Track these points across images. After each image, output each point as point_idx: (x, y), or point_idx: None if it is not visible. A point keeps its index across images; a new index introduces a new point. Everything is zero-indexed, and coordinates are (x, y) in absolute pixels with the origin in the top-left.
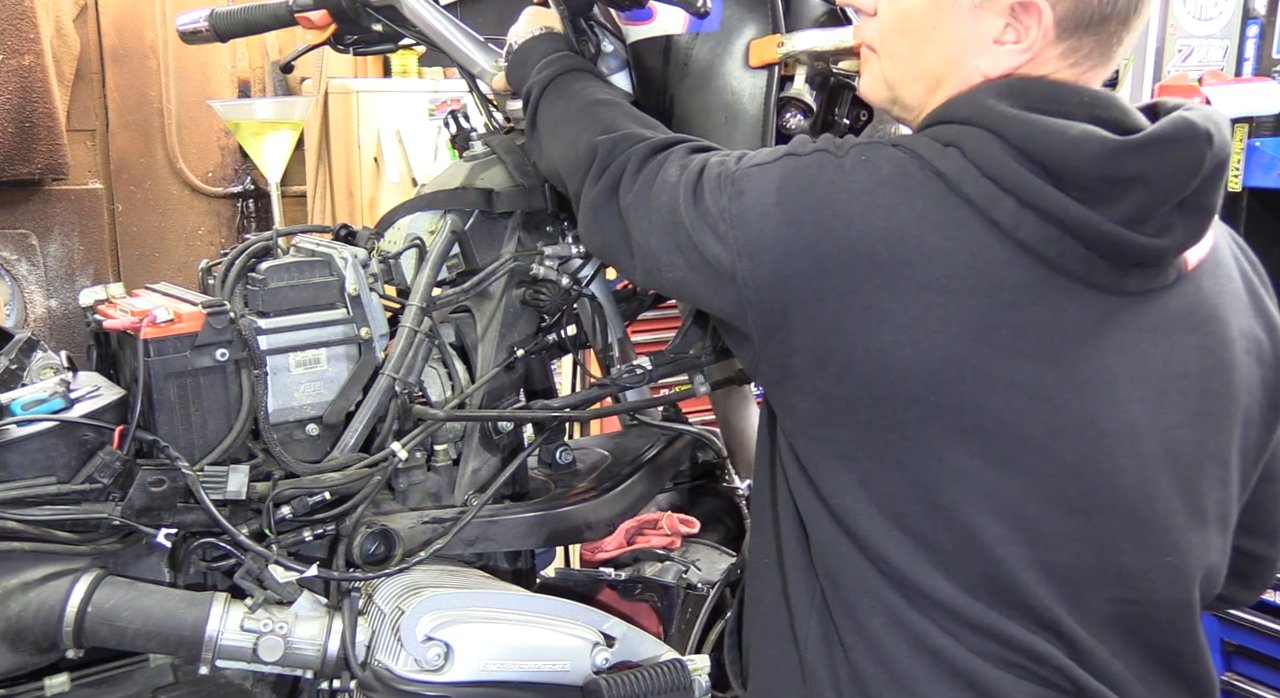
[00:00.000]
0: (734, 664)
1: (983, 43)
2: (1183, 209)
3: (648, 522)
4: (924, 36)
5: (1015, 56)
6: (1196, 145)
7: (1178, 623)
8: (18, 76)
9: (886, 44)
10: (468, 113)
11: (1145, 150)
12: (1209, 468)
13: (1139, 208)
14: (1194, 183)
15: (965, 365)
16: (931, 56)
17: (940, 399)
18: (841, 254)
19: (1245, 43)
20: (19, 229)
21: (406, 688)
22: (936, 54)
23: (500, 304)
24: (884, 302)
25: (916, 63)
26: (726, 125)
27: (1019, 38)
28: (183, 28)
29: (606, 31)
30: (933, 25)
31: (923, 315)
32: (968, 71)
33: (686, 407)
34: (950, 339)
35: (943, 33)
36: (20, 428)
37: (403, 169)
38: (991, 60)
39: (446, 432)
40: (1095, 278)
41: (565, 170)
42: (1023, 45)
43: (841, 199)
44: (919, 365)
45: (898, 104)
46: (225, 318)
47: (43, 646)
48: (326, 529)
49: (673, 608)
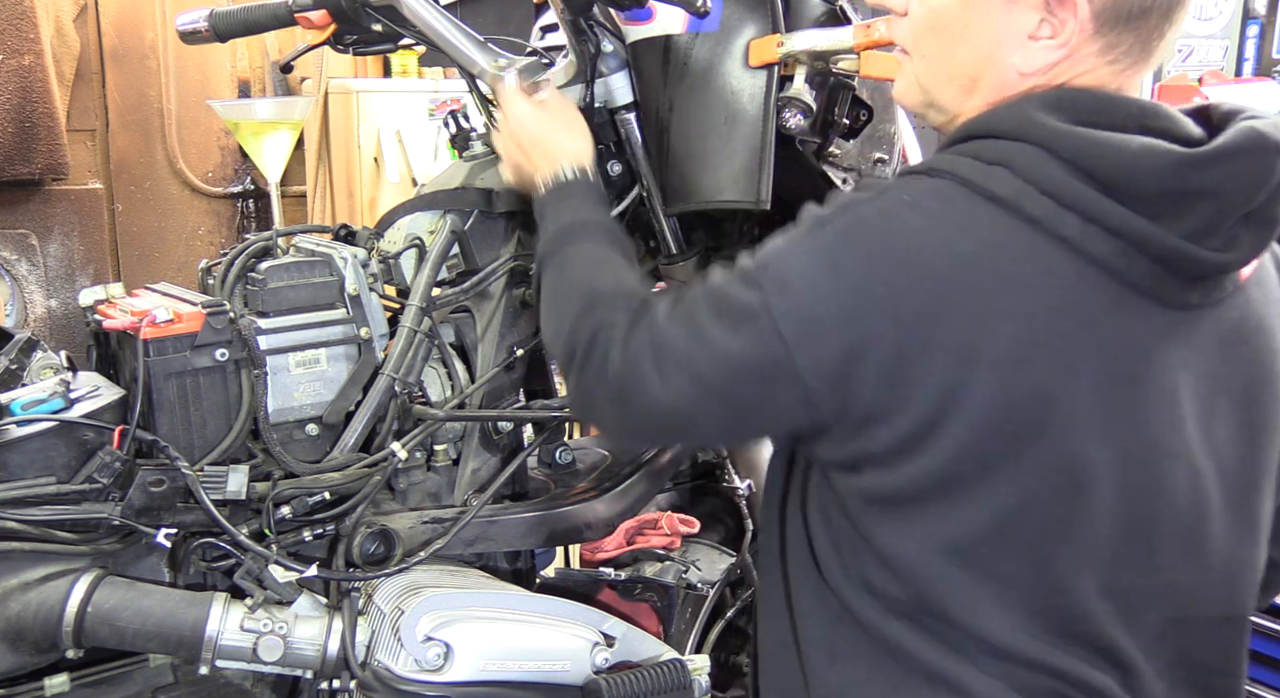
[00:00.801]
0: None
1: (1017, 39)
2: (1248, 222)
3: (648, 522)
4: (956, 35)
5: (1051, 52)
6: (1266, 157)
7: (1226, 639)
8: (18, 76)
9: (919, 44)
10: (468, 113)
11: (1214, 163)
12: (1256, 481)
13: (1205, 222)
14: (1261, 195)
15: (1051, 393)
16: (964, 55)
17: (1027, 431)
18: (918, 304)
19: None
20: (19, 229)
21: (406, 688)
22: (969, 52)
23: (500, 304)
24: (971, 340)
25: (949, 62)
26: (726, 125)
27: (1054, 32)
28: (183, 28)
29: (606, 31)
30: (965, 23)
31: (1010, 346)
32: (1002, 69)
33: None
34: (1036, 367)
35: (975, 30)
36: (20, 428)
37: (403, 169)
38: (1027, 57)
39: (446, 432)
40: (1161, 292)
41: (559, 358)
42: (1058, 40)
43: (899, 248)
44: (1008, 400)
45: (933, 107)
46: (225, 318)
47: (43, 646)
48: (326, 529)
49: (673, 608)
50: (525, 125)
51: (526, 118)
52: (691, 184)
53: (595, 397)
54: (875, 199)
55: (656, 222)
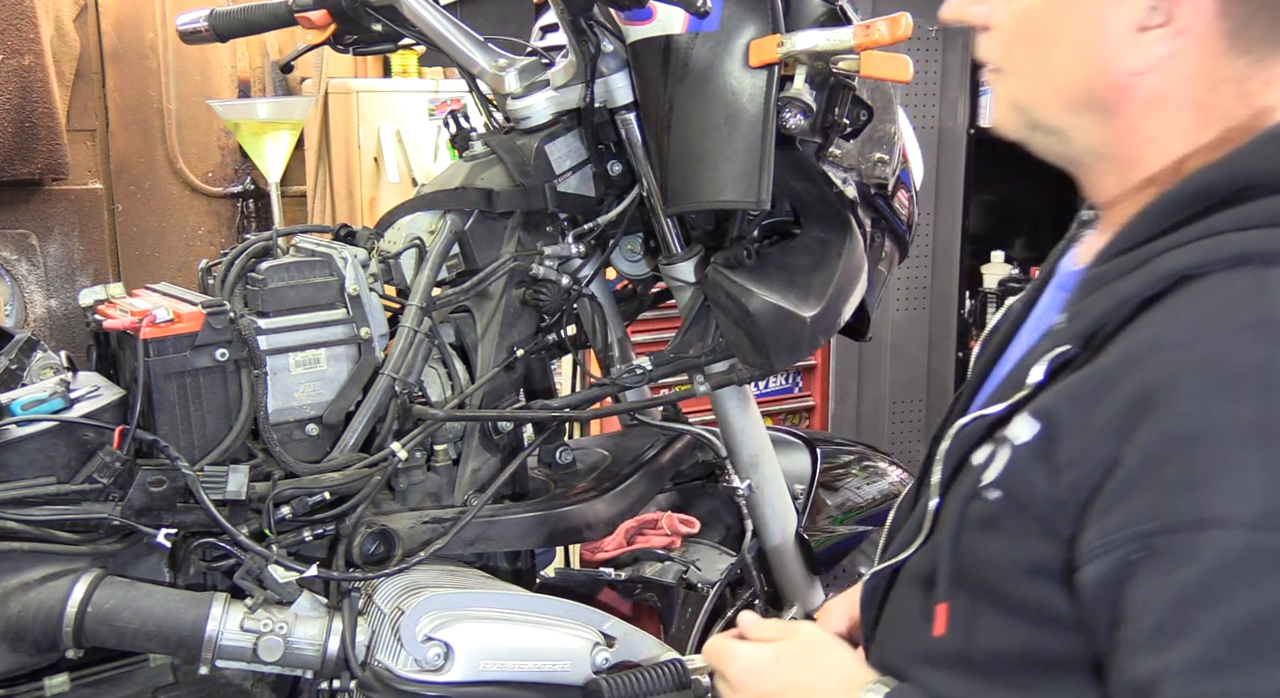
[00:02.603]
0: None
1: (1124, 33)
2: None
3: (648, 522)
4: (1051, 39)
5: (1166, 43)
6: None
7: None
8: (18, 76)
9: (1009, 58)
10: (468, 113)
11: None
12: None
13: None
14: None
15: None
16: (1064, 62)
17: None
18: None
19: None
20: (19, 229)
21: (406, 688)
22: (1070, 59)
23: (500, 304)
24: None
25: (1048, 74)
26: (726, 125)
27: (1168, 19)
28: (183, 28)
29: (606, 31)
30: (1058, 23)
31: None
32: (1115, 75)
33: (686, 407)
34: None
35: (1072, 30)
36: (20, 428)
37: (403, 169)
38: (1141, 54)
39: (446, 432)
40: None
41: None
42: (1174, 28)
43: None
44: None
45: (1038, 129)
46: (225, 318)
47: (43, 646)
48: (326, 529)
49: (673, 608)
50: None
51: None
52: (691, 184)
53: None
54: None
55: (656, 222)
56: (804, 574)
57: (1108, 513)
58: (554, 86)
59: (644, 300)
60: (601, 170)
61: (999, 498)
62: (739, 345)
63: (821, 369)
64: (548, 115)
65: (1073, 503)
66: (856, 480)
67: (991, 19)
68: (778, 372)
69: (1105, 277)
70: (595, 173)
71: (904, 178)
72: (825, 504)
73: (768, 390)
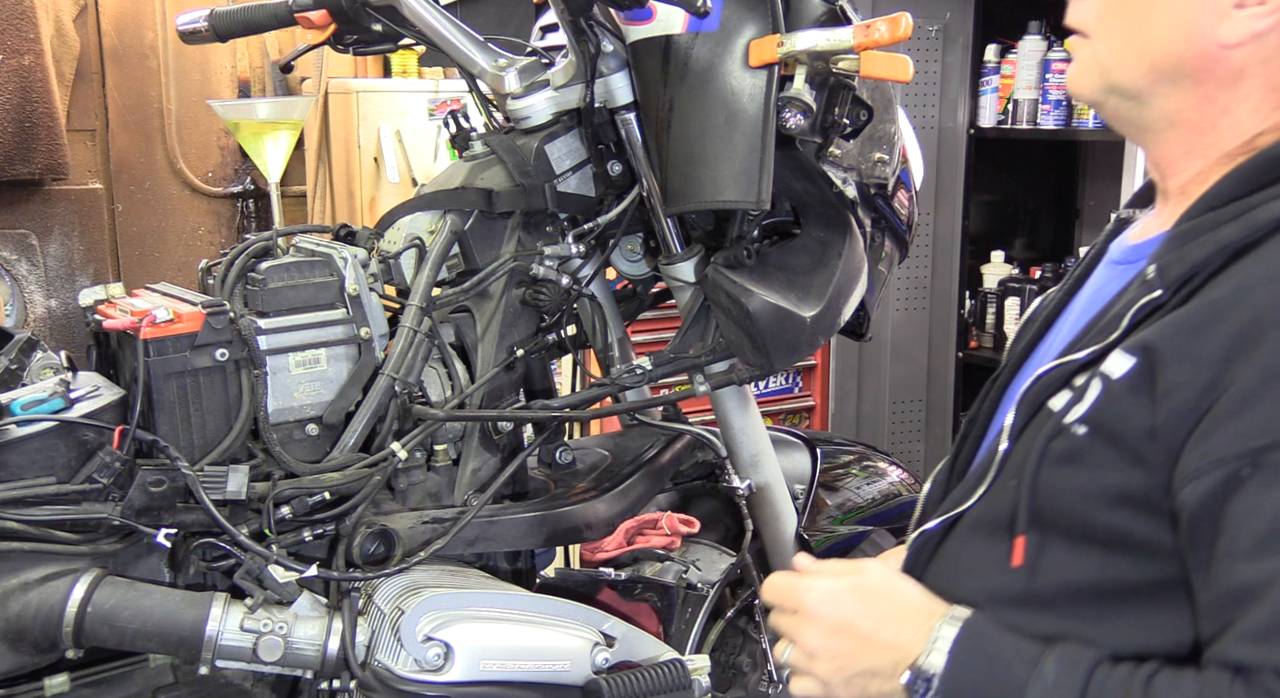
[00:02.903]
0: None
1: (1222, 7)
2: None
3: (648, 522)
4: (1149, 6)
5: (1260, 20)
6: None
7: None
8: (18, 76)
9: (1104, 23)
10: (468, 113)
11: None
12: None
13: None
14: None
15: None
16: (1158, 29)
17: None
18: None
19: None
20: (19, 229)
21: (406, 688)
22: (1164, 26)
23: (500, 304)
24: None
25: (1138, 39)
26: (726, 125)
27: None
28: (183, 28)
29: (606, 31)
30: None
31: None
32: (1204, 45)
33: (686, 407)
34: None
35: (1171, 1)
36: (20, 428)
37: (403, 169)
38: (1233, 28)
39: (446, 432)
40: None
41: None
42: (1269, 7)
43: None
44: None
45: (1115, 92)
46: (225, 318)
47: (43, 646)
48: (326, 529)
49: (673, 608)
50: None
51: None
52: (691, 184)
53: None
54: None
55: (656, 222)
56: None
57: (1214, 433)
58: (554, 86)
59: (644, 300)
60: (601, 170)
61: (1086, 433)
62: (739, 345)
63: (821, 369)
64: (548, 115)
65: (1171, 429)
66: (856, 480)
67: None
68: (778, 372)
69: (1200, 229)
70: (595, 173)
71: (904, 178)
72: (825, 504)
73: (768, 390)
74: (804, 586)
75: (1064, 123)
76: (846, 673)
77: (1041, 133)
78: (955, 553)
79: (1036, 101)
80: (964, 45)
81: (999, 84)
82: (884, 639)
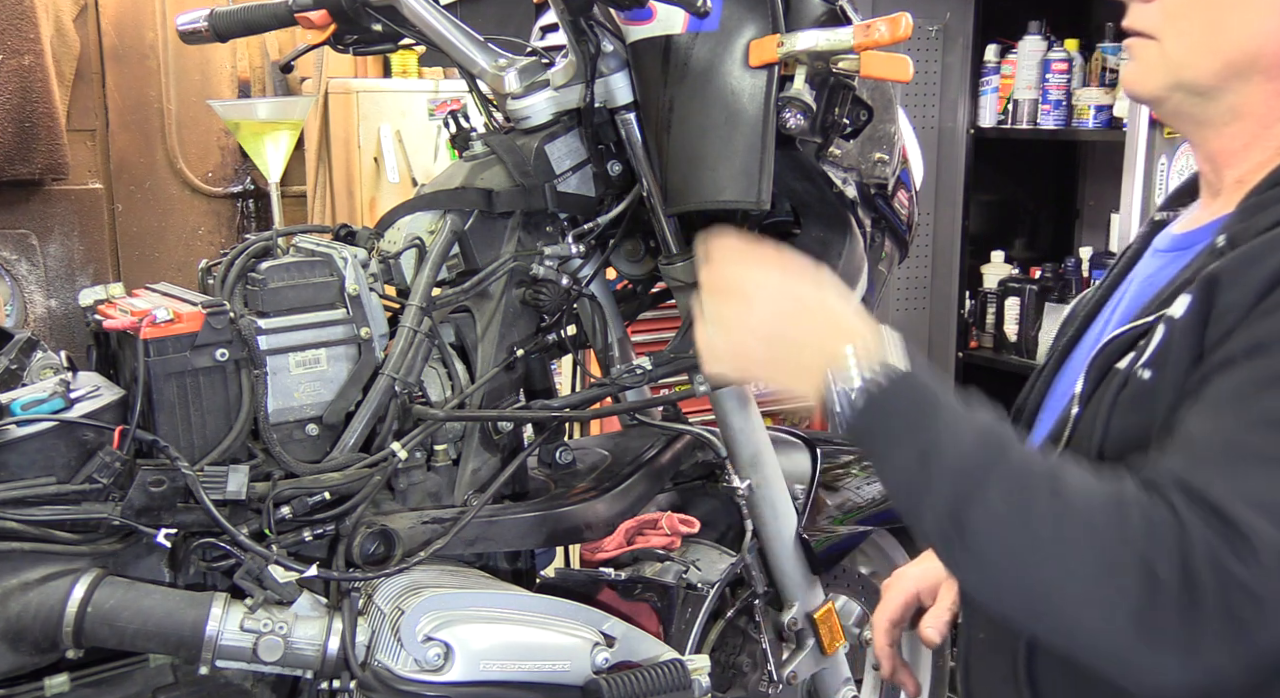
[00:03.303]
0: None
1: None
2: None
3: (648, 522)
4: (1227, 5)
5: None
6: None
7: None
8: (18, 76)
9: (1176, 23)
10: (468, 113)
11: None
12: None
13: None
14: None
15: None
16: (1236, 28)
17: None
18: None
19: None
20: (19, 229)
21: (406, 688)
22: (1244, 25)
23: (500, 304)
24: None
25: (1213, 38)
26: (726, 125)
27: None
28: (183, 28)
29: (606, 31)
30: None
31: None
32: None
33: (686, 407)
34: None
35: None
36: (20, 428)
37: (403, 169)
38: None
39: (446, 432)
40: None
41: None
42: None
43: None
44: None
45: (1180, 88)
46: (225, 318)
47: (43, 646)
48: (326, 529)
49: (673, 608)
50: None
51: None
52: (691, 184)
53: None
54: None
55: (656, 222)
56: (804, 574)
57: (1234, 337)
58: (554, 86)
59: (644, 300)
60: (601, 170)
61: (1151, 376)
62: None
63: None
64: (548, 115)
65: (1212, 348)
66: (856, 480)
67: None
68: None
69: (1269, 201)
70: (595, 173)
71: (904, 178)
72: (825, 504)
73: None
74: (753, 280)
75: (1064, 123)
76: (775, 350)
77: (1041, 133)
78: None
79: (1036, 101)
80: (964, 45)
81: (999, 84)
82: (825, 335)
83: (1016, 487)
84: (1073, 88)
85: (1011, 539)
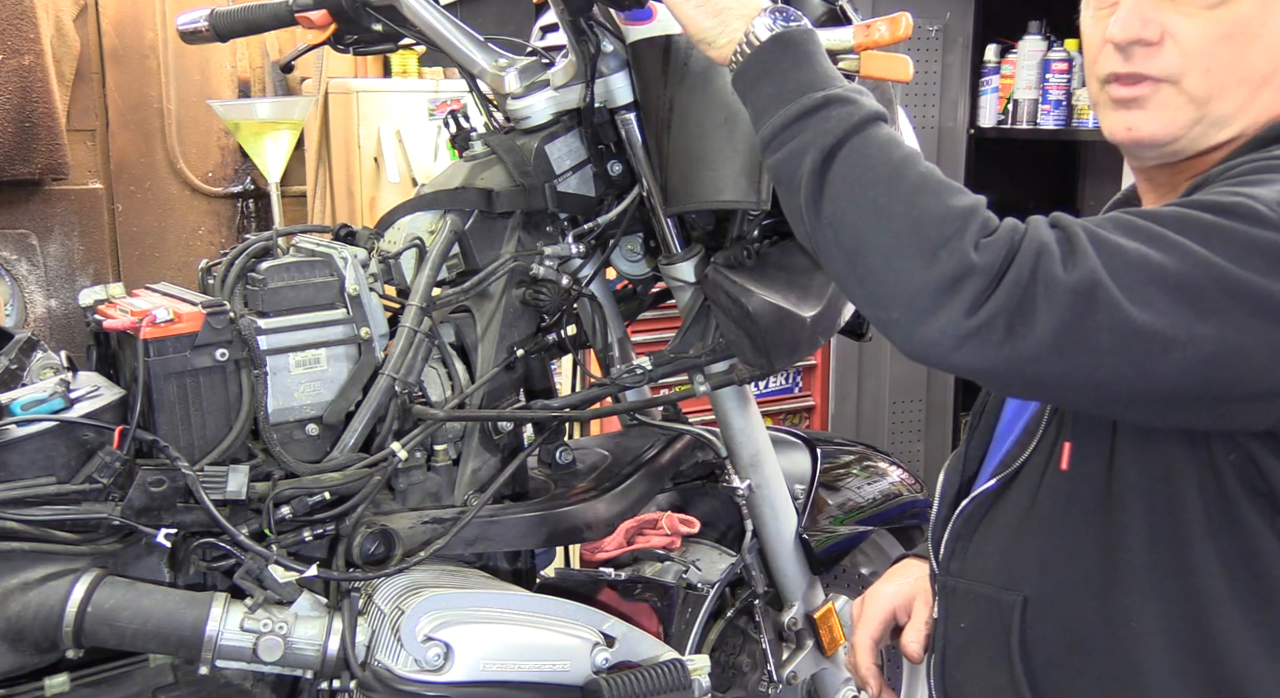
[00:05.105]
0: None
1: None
2: None
3: (648, 522)
4: (1253, 37)
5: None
6: None
7: None
8: (18, 76)
9: (1202, 59)
10: (468, 113)
11: None
12: None
13: None
14: None
15: None
16: (1259, 55)
17: None
18: None
19: None
20: (19, 229)
21: (406, 688)
22: (1264, 51)
23: (500, 304)
24: None
25: (1241, 67)
26: (726, 125)
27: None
28: (183, 28)
29: (606, 31)
30: (1263, 22)
31: None
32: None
33: (686, 407)
34: None
35: (1273, 28)
36: (20, 428)
37: (403, 169)
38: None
39: (446, 432)
40: None
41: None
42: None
43: None
44: None
45: (1203, 121)
46: (225, 318)
47: (43, 646)
48: (326, 529)
49: (673, 608)
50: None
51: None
52: (691, 184)
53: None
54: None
55: (657, 222)
56: (804, 574)
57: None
58: (554, 86)
59: (644, 300)
60: (601, 170)
61: None
62: (739, 345)
63: (821, 369)
64: (548, 115)
65: None
66: (856, 480)
67: (1173, 32)
68: (778, 372)
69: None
70: (595, 173)
71: None
72: (825, 504)
73: (768, 390)
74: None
75: (1064, 123)
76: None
77: (1041, 133)
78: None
79: (1036, 101)
80: (964, 45)
81: (999, 84)
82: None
83: (896, 141)
84: (1073, 88)
85: (878, 171)
